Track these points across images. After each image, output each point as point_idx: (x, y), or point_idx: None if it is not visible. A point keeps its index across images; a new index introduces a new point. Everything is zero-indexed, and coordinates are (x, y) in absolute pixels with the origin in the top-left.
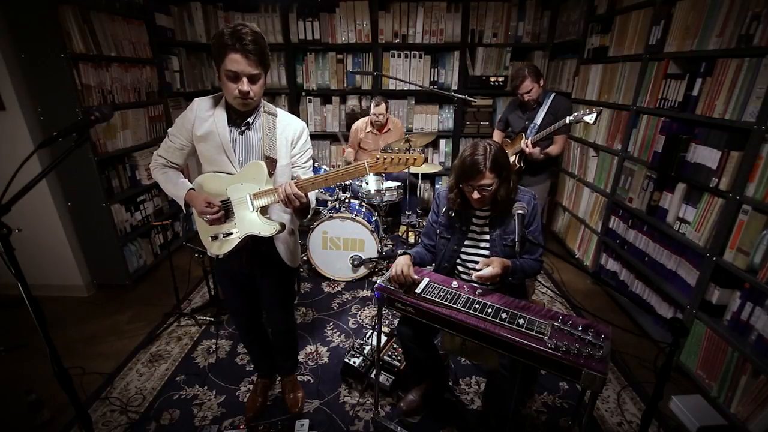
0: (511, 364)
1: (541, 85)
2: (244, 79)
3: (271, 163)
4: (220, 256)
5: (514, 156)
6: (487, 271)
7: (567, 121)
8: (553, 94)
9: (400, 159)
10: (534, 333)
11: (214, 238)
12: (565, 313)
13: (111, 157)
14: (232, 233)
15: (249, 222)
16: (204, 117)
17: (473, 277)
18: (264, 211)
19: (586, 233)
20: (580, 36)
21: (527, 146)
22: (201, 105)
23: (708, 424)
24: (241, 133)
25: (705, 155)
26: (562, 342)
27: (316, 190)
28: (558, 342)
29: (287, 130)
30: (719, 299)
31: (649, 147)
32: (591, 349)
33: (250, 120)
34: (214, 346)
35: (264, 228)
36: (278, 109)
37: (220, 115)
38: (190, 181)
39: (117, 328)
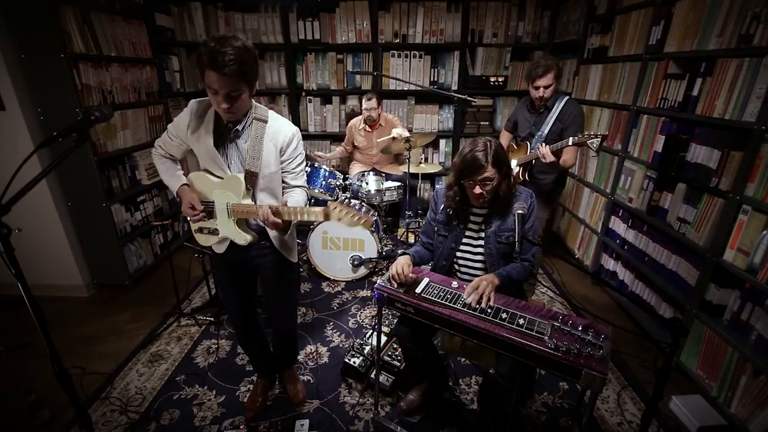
0: (510, 373)
1: (559, 84)
2: (221, 95)
3: (251, 177)
4: (218, 252)
5: (519, 168)
6: (474, 298)
7: (570, 143)
8: (566, 98)
9: (353, 215)
10: (534, 333)
11: (199, 231)
12: (565, 313)
13: (111, 157)
14: (216, 231)
15: (226, 227)
16: (197, 121)
17: (469, 302)
18: (244, 220)
19: (586, 233)
20: (580, 36)
21: (547, 156)
22: (196, 107)
23: (708, 424)
24: (230, 140)
25: (705, 155)
26: (562, 342)
27: (305, 194)
28: (558, 342)
29: (276, 137)
30: (719, 299)
31: (649, 147)
32: (591, 349)
33: (239, 127)
34: (214, 346)
35: (238, 236)
36: (270, 113)
37: (210, 121)
38: (188, 172)
39: (117, 328)
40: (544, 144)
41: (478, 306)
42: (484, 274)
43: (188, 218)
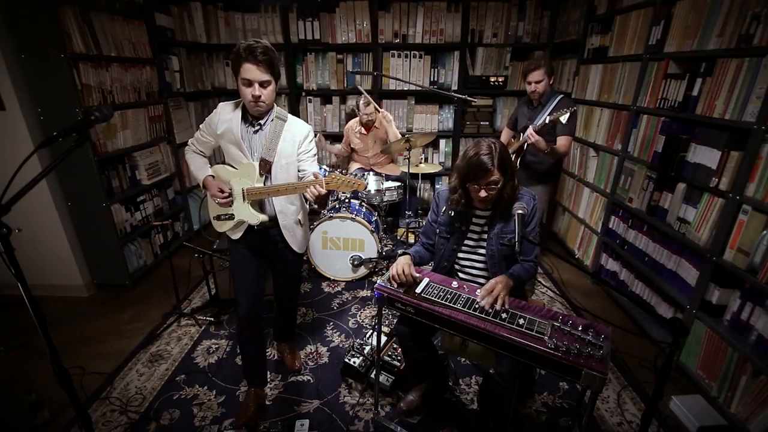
0: (509, 373)
1: (551, 83)
2: (256, 85)
3: (265, 164)
4: (235, 238)
5: (512, 155)
6: (488, 301)
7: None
8: (560, 96)
9: (348, 181)
10: (534, 333)
11: (217, 218)
12: (565, 313)
13: (111, 157)
14: (231, 216)
15: (241, 210)
16: (225, 118)
17: (484, 305)
18: (257, 203)
19: (586, 233)
20: (580, 36)
21: (532, 136)
22: (224, 108)
23: (708, 424)
24: (255, 132)
25: (705, 155)
26: (562, 342)
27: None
28: (558, 342)
29: (295, 133)
30: (719, 299)
31: (649, 147)
32: (591, 349)
33: (262, 122)
34: (214, 346)
35: (251, 217)
36: (289, 115)
37: (237, 116)
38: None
39: (117, 328)
40: (531, 130)
41: (478, 305)
42: (486, 275)
43: (216, 201)
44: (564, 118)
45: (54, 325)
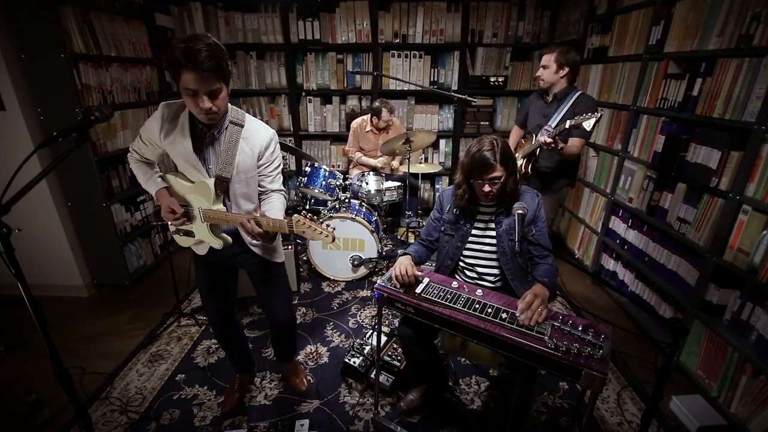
0: (510, 360)
1: (563, 75)
2: (204, 97)
3: (222, 183)
4: (200, 254)
5: (523, 159)
6: (528, 315)
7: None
8: (579, 93)
9: (314, 229)
10: (534, 333)
11: (176, 231)
12: (565, 313)
13: (111, 157)
14: (192, 233)
15: (201, 230)
16: (170, 126)
17: (523, 321)
18: (215, 225)
19: (586, 233)
20: (580, 36)
21: (546, 138)
22: (167, 112)
23: (708, 424)
24: (207, 145)
25: (705, 155)
26: (562, 342)
27: (283, 198)
28: (558, 342)
29: (253, 141)
30: (719, 299)
31: (649, 147)
32: (591, 349)
33: (215, 132)
34: (214, 346)
35: (212, 240)
36: (247, 117)
37: (185, 125)
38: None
39: (117, 328)
40: (545, 137)
41: (478, 305)
42: (495, 272)
43: (168, 222)
44: (588, 125)
45: (54, 325)
